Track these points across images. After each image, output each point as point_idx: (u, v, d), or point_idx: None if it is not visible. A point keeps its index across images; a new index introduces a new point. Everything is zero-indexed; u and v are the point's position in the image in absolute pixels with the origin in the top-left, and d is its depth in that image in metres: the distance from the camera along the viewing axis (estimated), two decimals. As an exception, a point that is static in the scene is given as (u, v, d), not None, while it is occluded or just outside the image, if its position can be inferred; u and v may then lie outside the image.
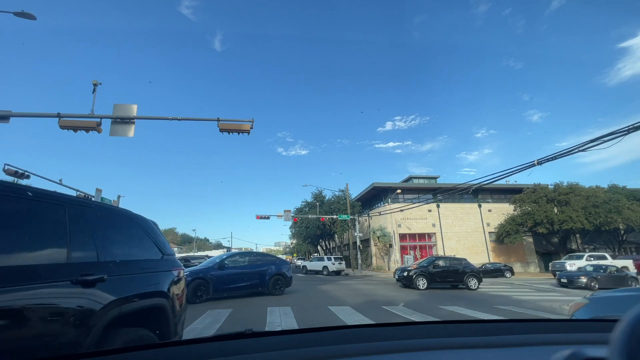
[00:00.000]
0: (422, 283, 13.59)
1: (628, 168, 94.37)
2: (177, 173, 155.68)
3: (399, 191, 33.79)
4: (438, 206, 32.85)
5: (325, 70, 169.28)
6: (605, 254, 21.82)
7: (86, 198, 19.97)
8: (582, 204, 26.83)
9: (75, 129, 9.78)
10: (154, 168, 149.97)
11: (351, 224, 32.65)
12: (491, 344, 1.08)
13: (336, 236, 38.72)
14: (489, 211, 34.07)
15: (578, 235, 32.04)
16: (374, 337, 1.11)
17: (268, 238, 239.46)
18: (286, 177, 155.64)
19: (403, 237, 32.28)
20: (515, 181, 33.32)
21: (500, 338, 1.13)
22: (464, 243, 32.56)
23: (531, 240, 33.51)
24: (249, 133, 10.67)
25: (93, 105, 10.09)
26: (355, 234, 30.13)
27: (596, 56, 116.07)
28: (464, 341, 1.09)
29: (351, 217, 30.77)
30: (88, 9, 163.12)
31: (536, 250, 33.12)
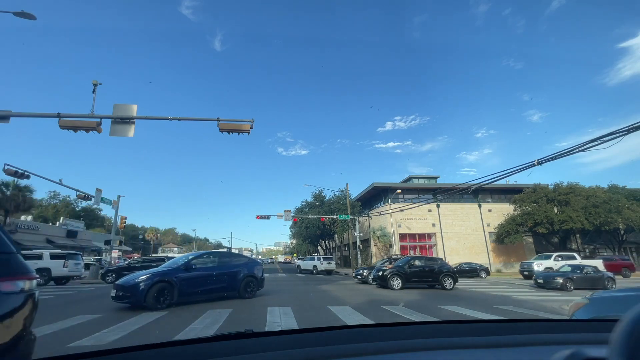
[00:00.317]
0: (397, 283, 13.39)
1: (628, 168, 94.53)
2: (177, 173, 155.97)
3: (399, 191, 33.78)
4: (438, 206, 32.84)
5: (325, 70, 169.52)
6: (574, 254, 21.73)
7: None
8: (582, 204, 26.82)
9: (75, 129, 9.79)
10: (154, 168, 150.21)
11: (351, 224, 32.64)
12: (491, 344, 1.08)
13: (336, 236, 38.70)
14: (489, 211, 34.05)
15: (578, 235, 32.04)
16: (374, 337, 1.11)
17: (268, 238, 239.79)
18: (286, 177, 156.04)
19: (403, 237, 32.27)
20: (515, 181, 33.38)
21: (500, 338, 1.13)
22: (464, 243, 32.55)
23: (531, 240, 33.50)
24: (249, 133, 10.69)
25: (93, 105, 10.11)
26: (355, 234, 30.13)
27: (596, 56, 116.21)
28: (464, 341, 1.09)
29: (351, 217, 30.76)
30: (88, 9, 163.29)
31: (536, 250, 33.08)
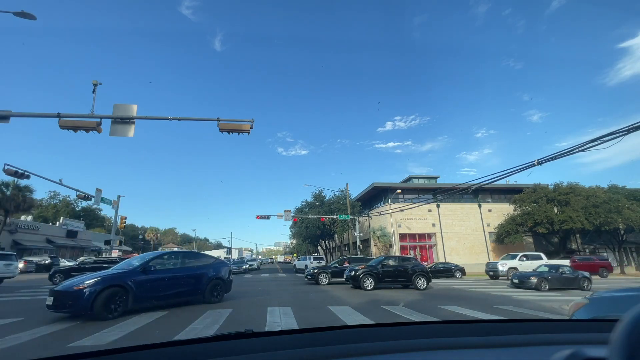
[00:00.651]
0: (369, 283, 13.23)
1: (628, 168, 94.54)
2: (177, 173, 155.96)
3: (399, 191, 33.78)
4: (438, 206, 32.84)
5: (325, 70, 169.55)
6: (540, 254, 22.23)
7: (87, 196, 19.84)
8: (582, 204, 26.81)
9: (75, 129, 9.79)
10: (154, 168, 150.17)
11: (351, 224, 32.65)
12: (491, 344, 1.08)
13: (336, 236, 38.67)
14: (489, 211, 34.05)
15: (578, 235, 32.03)
16: (374, 337, 1.11)
17: (268, 238, 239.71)
18: (286, 177, 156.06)
19: (403, 237, 32.27)
20: (515, 181, 33.40)
21: (500, 338, 1.13)
22: (464, 243, 32.55)
23: (531, 240, 33.50)
24: (249, 133, 10.69)
25: (93, 105, 10.11)
26: (355, 234, 30.13)
27: (596, 56, 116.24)
28: (464, 341, 1.09)
29: (351, 217, 30.76)
30: (88, 9, 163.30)
31: (536, 250, 33.04)
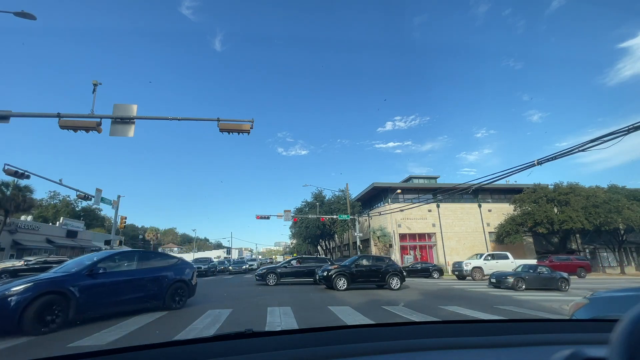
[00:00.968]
0: (342, 283, 13.01)
1: (628, 168, 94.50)
2: (177, 173, 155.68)
3: (399, 191, 33.78)
4: (438, 206, 32.84)
5: (325, 70, 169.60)
6: (507, 254, 22.26)
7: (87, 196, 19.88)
8: (582, 204, 26.80)
9: (75, 129, 9.78)
10: (154, 168, 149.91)
11: (351, 224, 32.64)
12: (491, 344, 1.08)
13: (336, 236, 38.68)
14: (489, 211, 34.05)
15: (578, 235, 32.02)
16: (374, 337, 1.11)
17: (268, 238, 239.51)
18: (286, 177, 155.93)
19: (403, 237, 32.27)
20: (515, 181, 33.37)
21: (500, 338, 1.13)
22: (464, 243, 32.55)
23: (531, 240, 33.49)
24: (249, 133, 10.69)
25: (93, 105, 10.11)
26: (355, 234, 30.12)
27: (596, 56, 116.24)
28: (464, 341, 1.09)
29: (351, 217, 30.75)
30: (88, 9, 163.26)
31: (536, 250, 33.10)
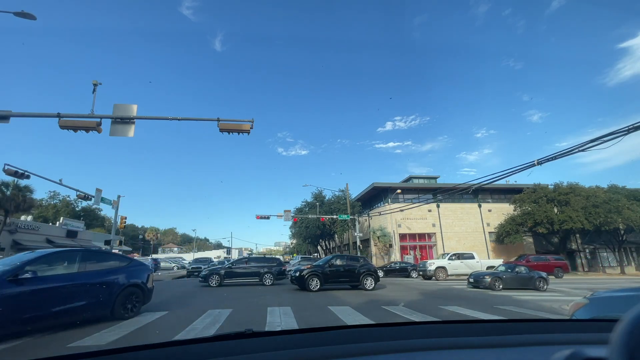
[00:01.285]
0: (315, 284, 12.74)
1: (628, 168, 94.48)
2: (177, 173, 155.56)
3: (399, 191, 33.79)
4: (438, 206, 32.84)
5: (325, 70, 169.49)
6: (473, 253, 22.00)
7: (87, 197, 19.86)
8: (582, 204, 26.81)
9: (75, 129, 9.79)
10: (154, 168, 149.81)
11: (351, 224, 32.64)
12: (491, 344, 1.08)
13: (336, 236, 38.68)
14: (489, 211, 34.06)
15: (578, 235, 32.04)
16: (374, 337, 1.11)
17: (268, 238, 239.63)
18: (286, 177, 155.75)
19: (403, 237, 32.28)
20: (515, 181, 33.37)
21: (500, 338, 1.13)
22: (464, 243, 32.55)
23: (531, 240, 33.51)
24: (249, 133, 10.69)
25: (93, 105, 10.11)
26: (355, 234, 30.12)
27: (596, 56, 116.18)
28: (464, 341, 1.09)
29: (351, 217, 30.75)
30: (88, 9, 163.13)
31: (536, 250, 33.10)
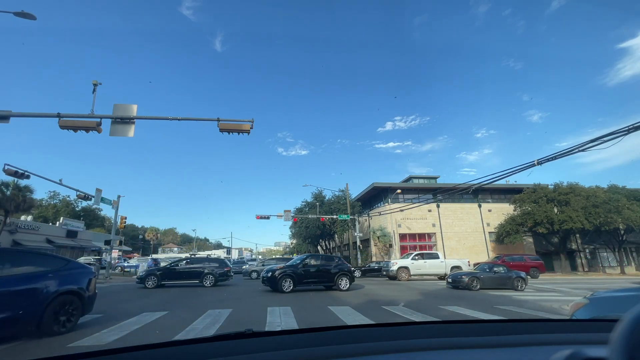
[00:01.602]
0: (288, 285, 12.38)
1: (628, 168, 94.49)
2: (177, 173, 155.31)
3: (399, 191, 33.78)
4: (438, 206, 32.84)
5: (325, 70, 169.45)
6: (437, 253, 22.06)
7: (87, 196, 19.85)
8: (582, 204, 26.80)
9: (75, 129, 9.79)
10: (154, 168, 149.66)
11: (351, 224, 32.64)
12: (491, 344, 1.08)
13: (336, 236, 38.68)
14: (489, 211, 34.05)
15: (578, 235, 32.04)
16: (374, 337, 1.11)
17: (268, 238, 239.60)
18: (286, 177, 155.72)
19: (403, 237, 32.27)
20: (515, 181, 33.33)
21: (500, 338, 1.13)
22: (464, 243, 32.56)
23: (531, 240, 33.50)
24: (249, 133, 10.69)
25: (93, 105, 10.12)
26: (355, 234, 30.13)
27: (596, 57, 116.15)
28: (464, 341, 1.09)
29: (351, 217, 30.75)
30: (88, 9, 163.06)
31: (536, 250, 33.10)
